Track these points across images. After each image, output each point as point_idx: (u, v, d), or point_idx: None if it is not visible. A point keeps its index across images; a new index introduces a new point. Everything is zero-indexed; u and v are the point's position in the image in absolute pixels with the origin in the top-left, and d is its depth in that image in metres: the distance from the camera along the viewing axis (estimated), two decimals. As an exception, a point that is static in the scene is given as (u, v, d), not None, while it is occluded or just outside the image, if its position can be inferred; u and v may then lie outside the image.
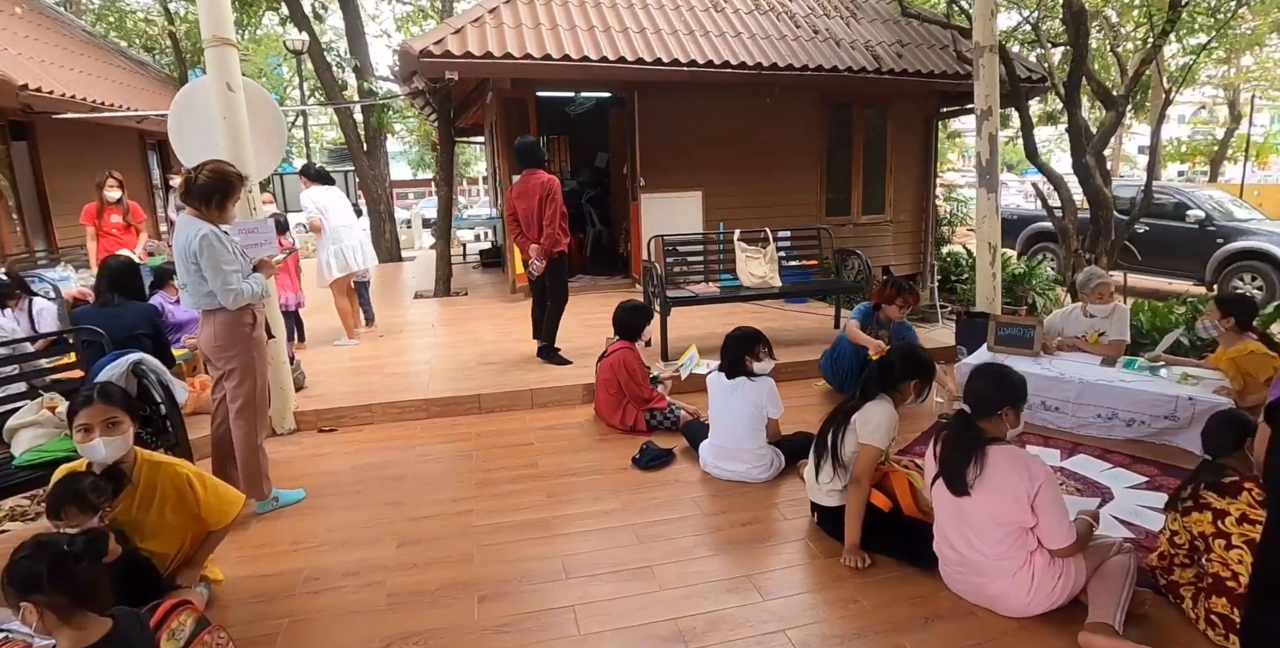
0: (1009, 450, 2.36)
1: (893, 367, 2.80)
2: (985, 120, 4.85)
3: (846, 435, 2.74)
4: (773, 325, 6.09)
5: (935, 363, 2.92)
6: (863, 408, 2.74)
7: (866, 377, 2.88)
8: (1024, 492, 2.27)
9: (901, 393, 2.83)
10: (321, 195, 5.80)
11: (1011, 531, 2.31)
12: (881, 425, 2.68)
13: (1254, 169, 22.23)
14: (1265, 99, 19.83)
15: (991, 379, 2.46)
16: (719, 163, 7.85)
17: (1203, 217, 10.11)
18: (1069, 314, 4.61)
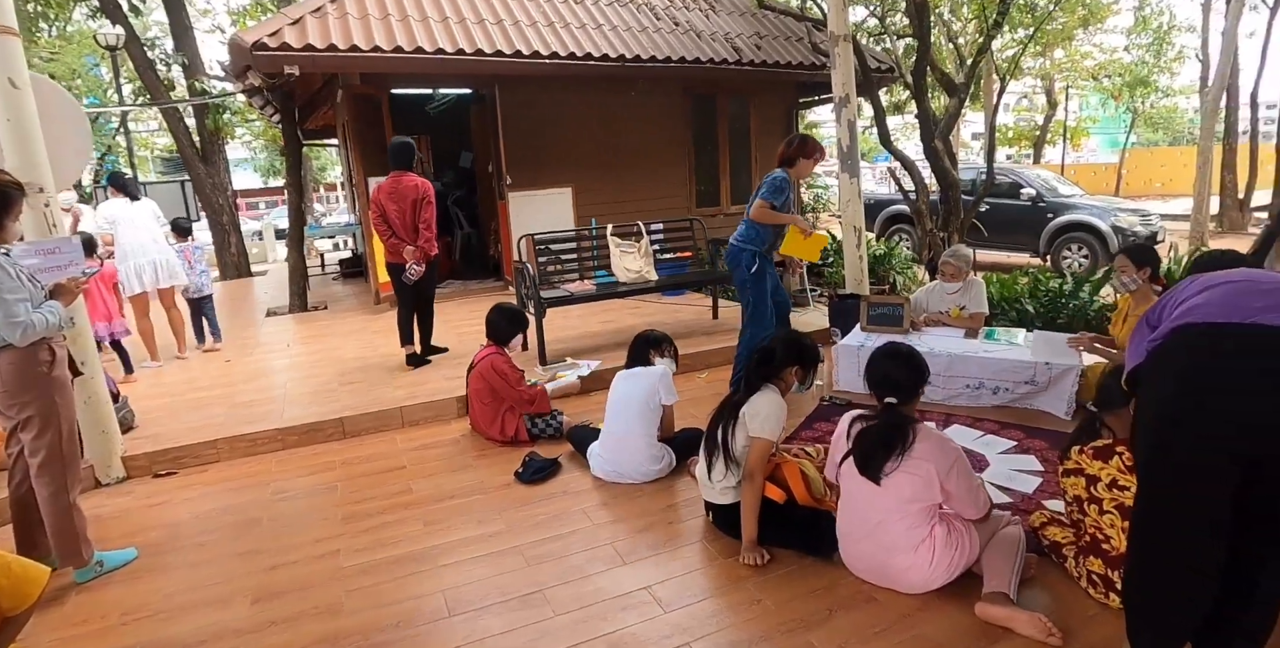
0: (925, 431, 2.35)
1: (774, 355, 2.73)
2: (844, 107, 4.96)
3: (736, 430, 2.66)
4: (652, 320, 6.01)
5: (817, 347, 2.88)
6: (750, 400, 2.65)
7: (747, 368, 2.80)
8: (938, 472, 2.27)
9: (785, 381, 2.76)
10: (116, 209, 5.32)
11: (919, 507, 2.31)
12: (771, 417, 2.61)
13: (1070, 151, 24.64)
14: (1075, 88, 21.97)
15: (905, 362, 2.43)
16: (588, 158, 7.69)
17: (1034, 194, 11.00)
18: (932, 291, 4.79)
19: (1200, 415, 1.56)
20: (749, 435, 2.62)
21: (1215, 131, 10.38)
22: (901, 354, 2.48)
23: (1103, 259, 10.34)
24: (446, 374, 4.63)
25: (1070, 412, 3.91)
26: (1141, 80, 18.48)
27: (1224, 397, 1.52)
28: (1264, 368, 1.49)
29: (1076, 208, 10.82)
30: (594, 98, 7.56)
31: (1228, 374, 1.52)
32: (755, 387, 2.69)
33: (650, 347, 3.43)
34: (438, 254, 4.93)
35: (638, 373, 3.32)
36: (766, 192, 4.16)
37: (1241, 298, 1.59)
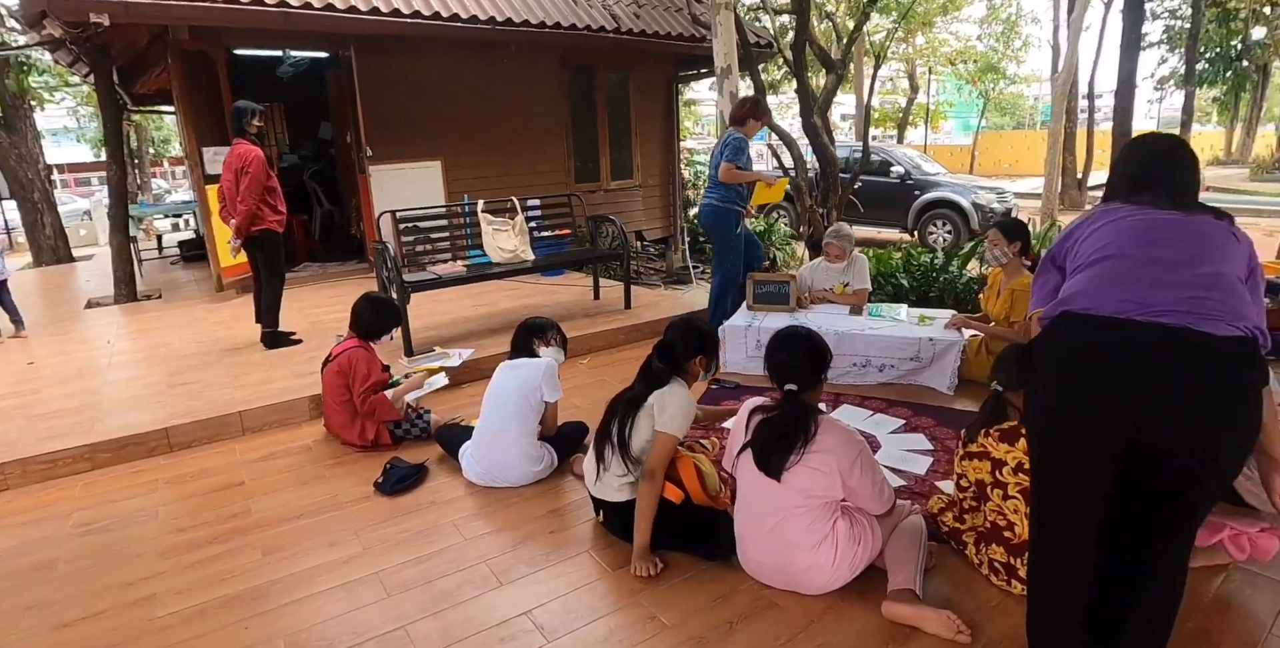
0: (828, 423, 2.18)
1: (674, 347, 2.50)
2: (726, 78, 4.77)
3: (637, 423, 2.42)
4: (529, 302, 5.66)
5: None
6: (656, 394, 2.42)
7: (647, 362, 2.56)
8: (841, 467, 2.12)
9: (690, 373, 2.56)
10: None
11: (820, 503, 2.16)
12: (680, 412, 2.39)
13: (930, 132, 26.02)
14: (934, 74, 23.10)
15: (804, 346, 2.26)
16: (458, 129, 7.14)
17: (903, 172, 11.43)
18: (816, 268, 4.72)
19: (1076, 403, 1.57)
20: (654, 430, 2.39)
21: (1064, 115, 11.09)
22: (800, 338, 2.30)
23: (964, 234, 10.90)
24: (297, 370, 4.10)
25: (953, 387, 3.94)
26: (993, 67, 19.65)
27: (1096, 387, 1.54)
28: (1128, 361, 1.50)
29: (941, 186, 11.33)
30: (464, 64, 7.01)
31: (1098, 368, 1.54)
32: (660, 381, 2.46)
33: (533, 335, 3.11)
34: (272, 230, 4.42)
35: (519, 365, 3.01)
36: (730, 153, 4.45)
37: (1119, 287, 1.57)
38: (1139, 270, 1.56)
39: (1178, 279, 1.52)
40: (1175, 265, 1.54)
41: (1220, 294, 1.49)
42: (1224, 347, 1.44)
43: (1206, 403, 1.45)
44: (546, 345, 3.12)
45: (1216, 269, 1.53)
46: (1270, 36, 16.34)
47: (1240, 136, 22.43)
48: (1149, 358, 1.48)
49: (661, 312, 5.37)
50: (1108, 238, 1.65)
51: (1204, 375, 1.44)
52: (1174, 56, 16.12)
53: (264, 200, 4.31)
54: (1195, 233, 1.60)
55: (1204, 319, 1.45)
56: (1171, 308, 1.48)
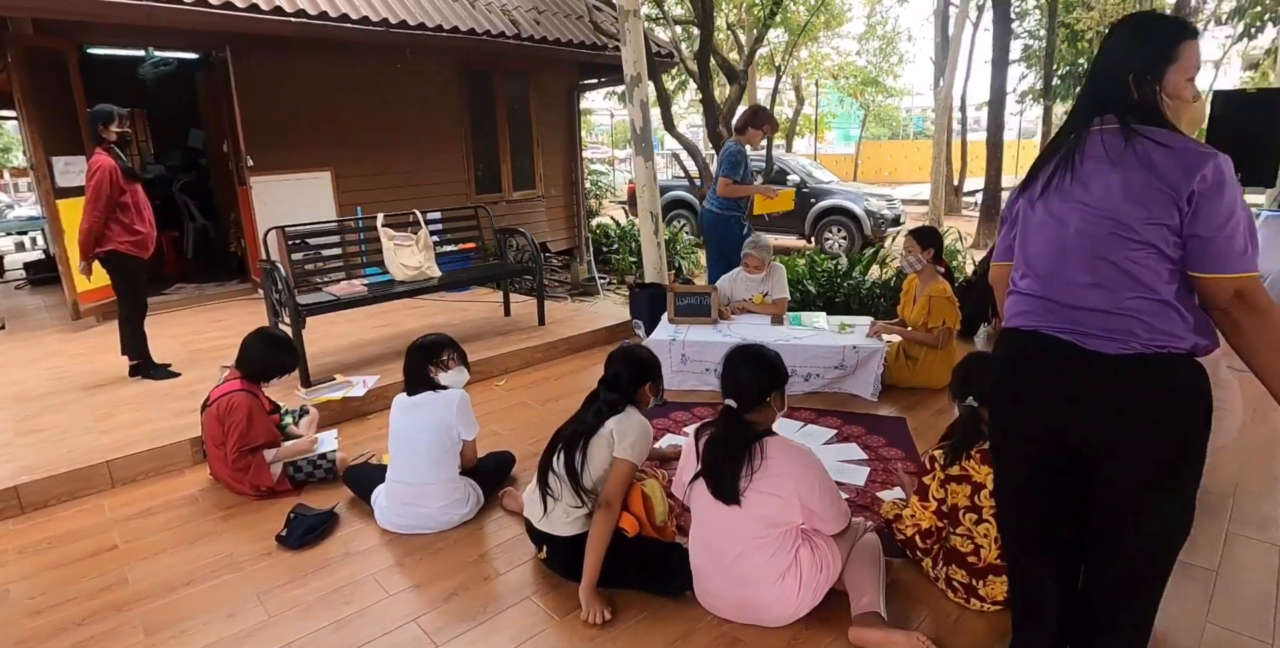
0: (781, 444, 2.07)
1: (619, 379, 2.35)
2: (636, 86, 4.65)
3: (592, 453, 2.26)
4: (436, 321, 5.34)
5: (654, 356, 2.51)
6: (614, 420, 2.28)
7: (592, 395, 2.41)
8: (799, 490, 2.02)
9: (642, 402, 2.42)
10: None
11: (780, 531, 2.04)
12: (641, 439, 2.27)
13: (817, 142, 27.06)
14: (818, 86, 24.04)
15: (752, 363, 2.15)
16: (351, 137, 6.69)
17: (798, 180, 11.74)
18: (735, 278, 4.67)
19: (1017, 410, 1.64)
20: (613, 456, 2.25)
21: (945, 126, 11.74)
22: (750, 355, 2.20)
23: (859, 240, 11.31)
24: (176, 408, 3.63)
25: (876, 393, 3.97)
26: (872, 81, 20.66)
27: (1032, 399, 1.59)
28: (1052, 375, 1.55)
29: (834, 194, 11.70)
30: (358, 69, 6.58)
31: (1030, 379, 1.60)
32: (616, 408, 2.32)
33: (428, 360, 2.71)
34: (120, 251, 3.88)
35: (422, 403, 2.65)
36: (725, 168, 4.68)
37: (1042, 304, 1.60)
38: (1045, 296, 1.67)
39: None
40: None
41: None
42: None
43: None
44: (445, 369, 2.74)
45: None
46: (1111, 56, 18.01)
47: (1088, 146, 24.56)
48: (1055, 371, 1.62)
49: (577, 327, 5.18)
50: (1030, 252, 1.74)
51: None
52: (1031, 73, 17.50)
53: (115, 218, 3.81)
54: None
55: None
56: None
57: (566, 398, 4.05)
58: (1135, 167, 1.40)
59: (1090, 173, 1.46)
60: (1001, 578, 2.10)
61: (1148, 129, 1.42)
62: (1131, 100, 1.46)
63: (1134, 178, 1.39)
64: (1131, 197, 1.39)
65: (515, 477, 3.03)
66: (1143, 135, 1.41)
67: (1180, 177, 1.34)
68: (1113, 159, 1.43)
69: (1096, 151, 1.46)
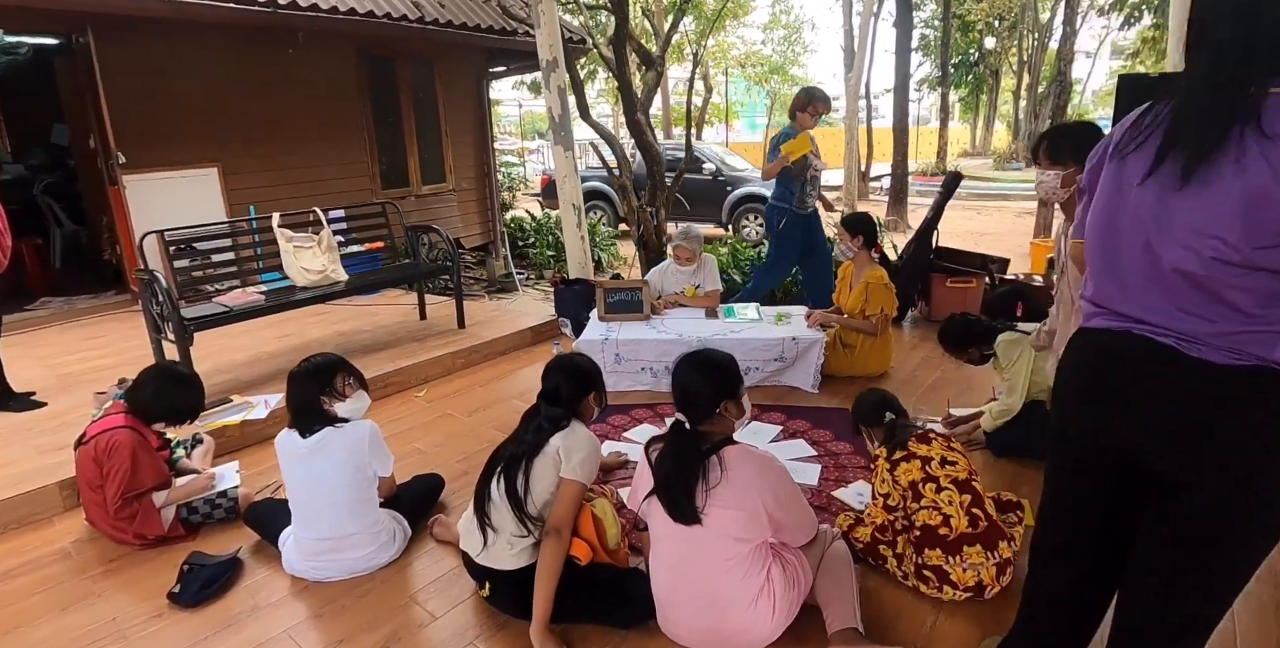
0: (741, 453, 1.89)
1: (559, 391, 2.12)
2: (552, 72, 4.38)
3: (536, 474, 2.02)
4: (344, 328, 4.94)
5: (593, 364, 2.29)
6: (559, 437, 2.05)
7: (532, 410, 2.17)
8: (765, 502, 1.84)
9: (586, 414, 2.20)
10: None
11: (749, 549, 1.87)
12: (589, 456, 2.06)
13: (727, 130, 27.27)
14: (725, 75, 24.20)
15: (699, 370, 1.96)
16: (239, 129, 6.10)
17: (714, 169, 11.72)
18: (665, 271, 4.50)
19: (1084, 420, 1.41)
20: (559, 477, 2.02)
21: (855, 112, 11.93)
22: (697, 361, 2.00)
23: (775, 227, 11.41)
24: (41, 444, 3.14)
25: (816, 384, 3.89)
26: (778, 69, 20.93)
27: (1106, 407, 1.35)
28: (1139, 379, 1.30)
29: (749, 181, 11.75)
30: (242, 53, 5.98)
31: (1111, 383, 1.35)
32: (559, 424, 2.09)
33: (320, 390, 2.27)
34: None
35: (324, 444, 2.22)
36: (769, 152, 4.61)
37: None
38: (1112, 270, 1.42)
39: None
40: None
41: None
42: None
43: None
44: (342, 399, 2.31)
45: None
46: (999, 45, 18.94)
47: (981, 132, 25.93)
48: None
49: (500, 328, 4.89)
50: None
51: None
52: (928, 62, 18.17)
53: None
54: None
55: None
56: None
57: (494, 406, 3.78)
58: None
59: (1222, 163, 1.11)
60: (975, 548, 2.08)
61: None
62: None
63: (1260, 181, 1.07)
64: (1252, 209, 1.08)
65: (444, 502, 2.75)
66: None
67: None
68: (1259, 146, 1.07)
69: (1237, 132, 1.10)
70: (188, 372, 2.66)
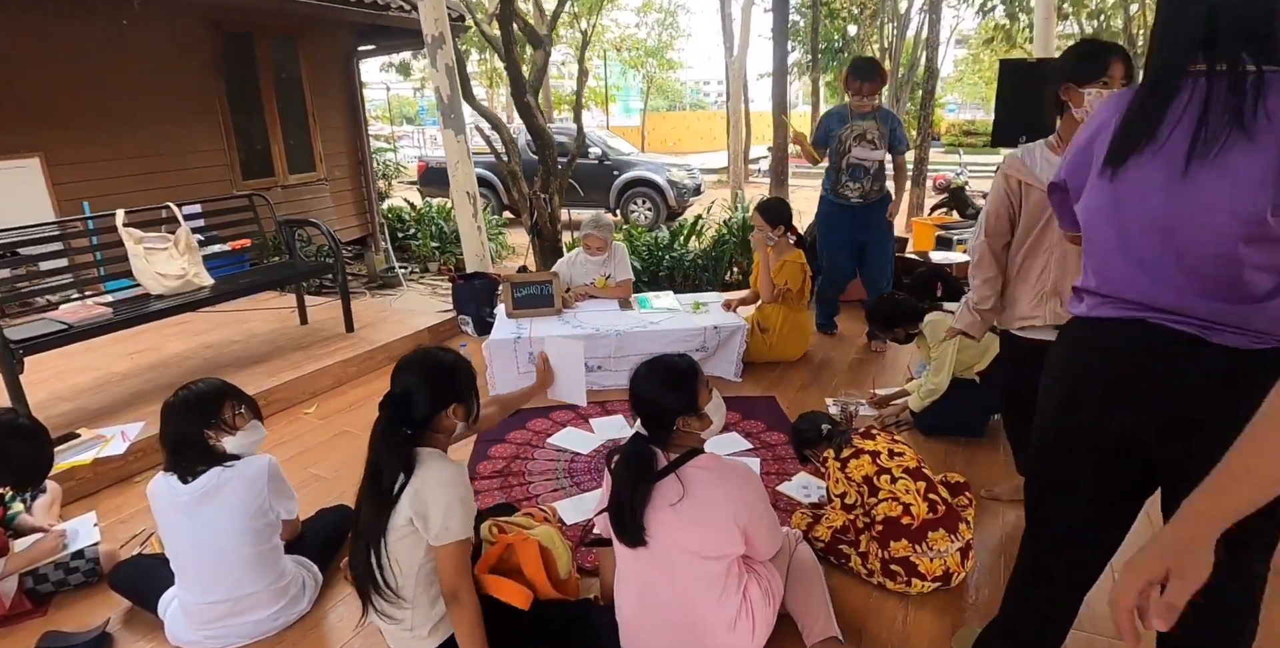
0: (709, 464, 1.71)
1: (409, 401, 1.66)
2: (439, 49, 3.99)
3: (394, 547, 1.62)
4: (209, 341, 4.35)
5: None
6: (409, 493, 1.59)
7: (378, 427, 1.65)
8: (738, 516, 1.68)
9: (445, 430, 1.75)
10: None
11: (723, 566, 1.71)
12: (454, 507, 1.59)
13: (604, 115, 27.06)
14: (600, 59, 23.92)
15: (654, 381, 1.75)
16: (67, 113, 5.24)
17: (600, 153, 11.50)
18: (574, 262, 4.26)
19: (1087, 415, 1.35)
20: (429, 546, 1.62)
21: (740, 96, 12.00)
22: (654, 370, 1.78)
23: (664, 211, 11.36)
24: None
25: (739, 372, 3.80)
26: (654, 52, 20.88)
27: (1116, 399, 1.29)
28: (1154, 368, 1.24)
29: (636, 165, 11.64)
30: (65, 25, 5.14)
31: (1122, 372, 1.28)
32: (401, 458, 1.62)
33: (200, 423, 1.88)
34: None
35: (213, 488, 1.83)
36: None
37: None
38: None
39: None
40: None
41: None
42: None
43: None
44: (232, 431, 1.94)
45: None
46: (861, 33, 19.71)
47: (847, 115, 27.08)
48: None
49: (394, 330, 4.48)
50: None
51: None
52: (799, 48, 18.65)
53: None
54: None
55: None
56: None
57: (400, 418, 3.43)
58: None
59: (1232, 140, 1.08)
60: (939, 533, 2.05)
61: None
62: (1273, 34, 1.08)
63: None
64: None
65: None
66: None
67: None
68: (1266, 120, 1.05)
69: (1222, 109, 1.09)
70: (28, 424, 2.10)
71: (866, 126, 3.89)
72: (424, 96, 25.04)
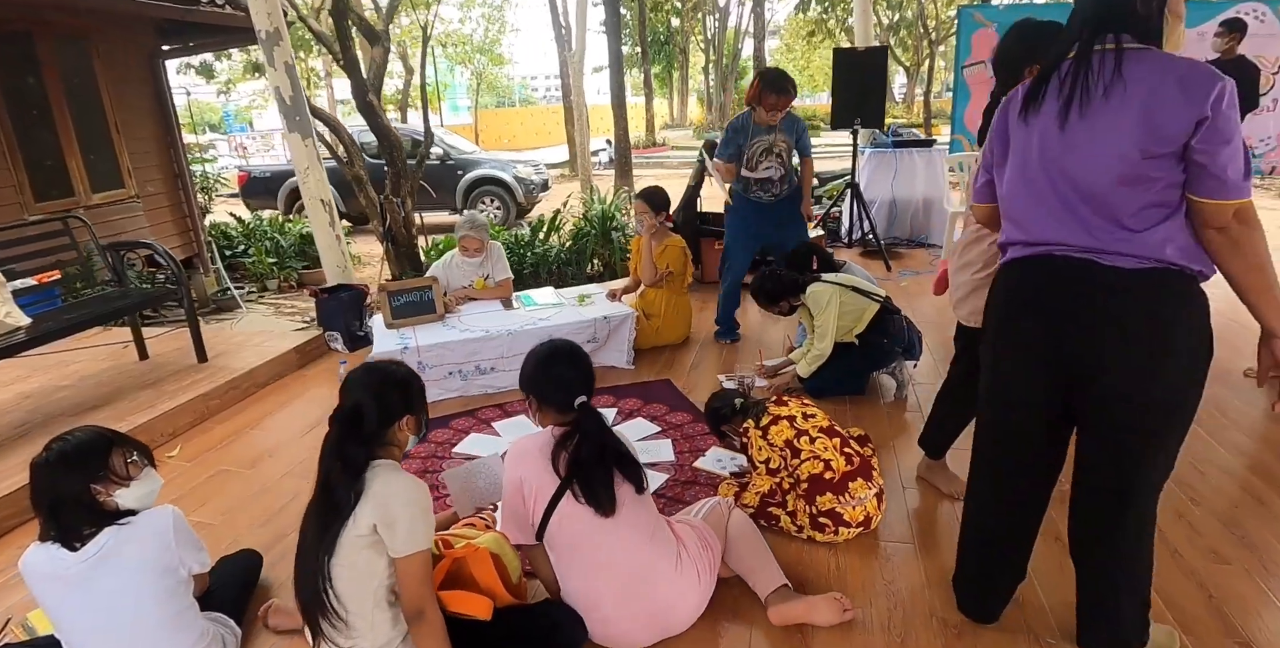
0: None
1: (361, 416, 1.59)
2: (276, 46, 3.68)
3: (341, 568, 1.53)
4: (27, 390, 3.79)
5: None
6: (370, 505, 1.53)
7: (330, 443, 1.59)
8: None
9: (398, 443, 1.69)
10: None
11: (655, 520, 1.87)
12: (419, 515, 1.56)
13: (432, 113, 26.14)
14: (429, 55, 23.08)
15: (567, 357, 1.86)
16: None
17: (442, 153, 11.11)
18: (450, 264, 4.12)
19: (1021, 338, 1.59)
20: (390, 557, 1.56)
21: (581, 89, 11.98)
22: (560, 351, 1.88)
23: (513, 209, 11.19)
24: None
25: (631, 360, 3.86)
26: (483, 48, 20.41)
27: (1043, 322, 1.54)
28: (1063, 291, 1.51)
29: (481, 164, 11.37)
30: None
31: (1041, 298, 1.54)
32: (354, 472, 1.55)
33: (85, 478, 1.64)
34: None
35: (109, 553, 1.60)
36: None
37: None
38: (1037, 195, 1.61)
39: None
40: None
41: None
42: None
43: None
44: (127, 483, 1.70)
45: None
46: (684, 25, 20.42)
47: (678, 105, 28.01)
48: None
49: (255, 355, 4.11)
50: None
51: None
52: (629, 41, 18.98)
53: None
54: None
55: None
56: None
57: (284, 449, 3.18)
58: (1143, 94, 1.32)
59: (1099, 101, 1.36)
60: (859, 482, 2.23)
61: (1152, 51, 1.36)
62: (1135, 17, 1.36)
63: (1147, 105, 1.31)
64: (1148, 126, 1.31)
65: (267, 582, 2.23)
66: (1149, 58, 1.34)
67: (1194, 101, 1.28)
68: (1124, 85, 1.33)
69: (1104, 77, 1.35)
70: None
71: (772, 140, 3.72)
72: (230, 101, 22.98)
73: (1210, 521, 2.30)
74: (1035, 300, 1.50)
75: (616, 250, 6.62)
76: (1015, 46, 1.97)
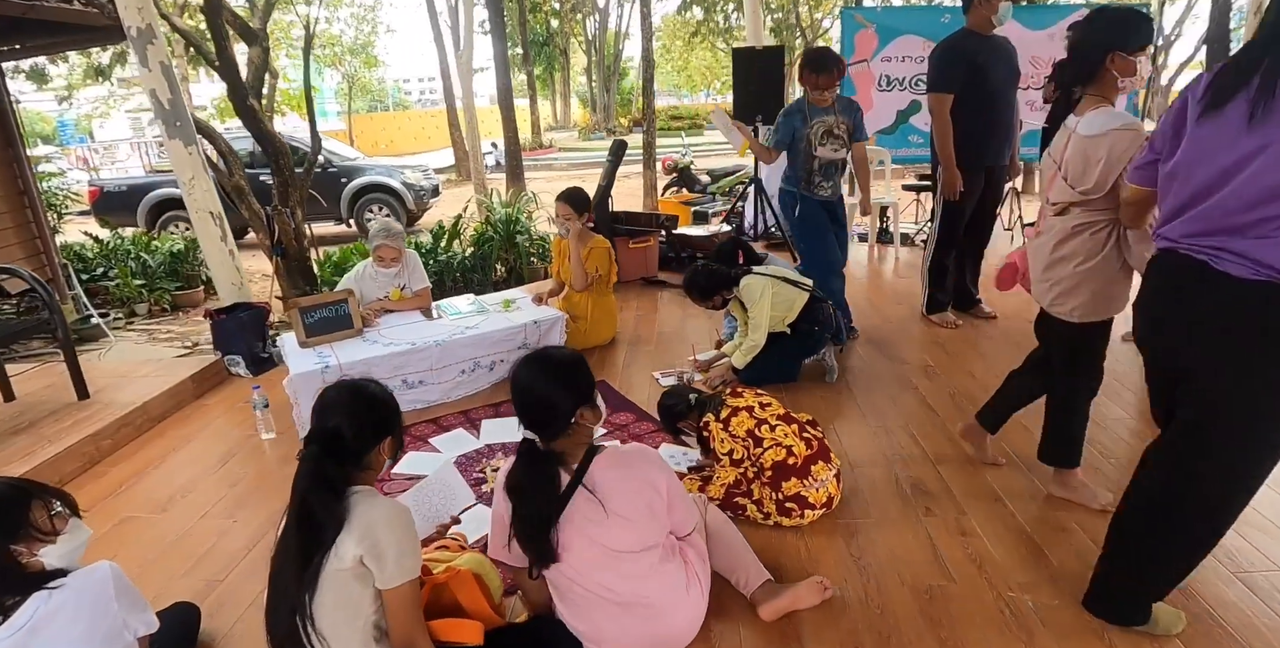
0: (612, 460, 1.70)
1: (341, 437, 1.49)
2: (149, 45, 3.34)
3: (323, 604, 1.42)
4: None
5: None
6: (354, 536, 1.41)
7: (306, 468, 1.47)
8: (652, 501, 1.71)
9: (375, 467, 1.59)
10: None
11: (665, 548, 1.77)
12: (407, 542, 1.47)
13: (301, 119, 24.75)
14: (289, 58, 21.77)
15: (547, 374, 1.68)
16: None
17: (324, 160, 10.53)
18: (363, 276, 3.89)
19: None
20: (377, 589, 1.45)
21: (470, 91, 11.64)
22: (545, 365, 1.71)
23: (404, 215, 10.77)
24: None
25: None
26: (354, 50, 19.51)
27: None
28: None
29: (367, 170, 10.90)
30: None
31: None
32: (335, 499, 1.45)
33: (5, 538, 1.45)
34: None
35: (44, 619, 1.41)
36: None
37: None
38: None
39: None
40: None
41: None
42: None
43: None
44: (53, 539, 1.53)
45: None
46: (563, 26, 20.29)
47: (560, 107, 27.86)
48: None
49: (145, 387, 3.70)
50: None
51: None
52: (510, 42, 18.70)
53: None
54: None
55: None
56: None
57: (197, 487, 2.89)
58: None
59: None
60: (819, 464, 2.29)
61: None
62: None
63: None
64: None
65: (208, 634, 2.02)
66: None
67: None
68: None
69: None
70: None
71: (831, 122, 3.62)
72: (67, 111, 20.87)
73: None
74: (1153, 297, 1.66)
75: (523, 254, 6.50)
76: (1096, 34, 2.00)
